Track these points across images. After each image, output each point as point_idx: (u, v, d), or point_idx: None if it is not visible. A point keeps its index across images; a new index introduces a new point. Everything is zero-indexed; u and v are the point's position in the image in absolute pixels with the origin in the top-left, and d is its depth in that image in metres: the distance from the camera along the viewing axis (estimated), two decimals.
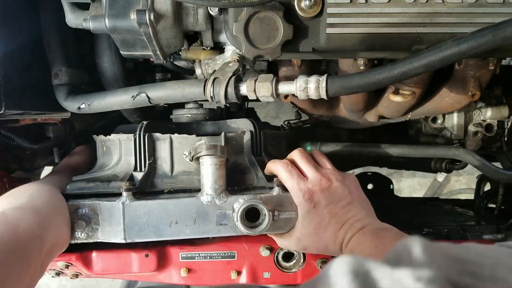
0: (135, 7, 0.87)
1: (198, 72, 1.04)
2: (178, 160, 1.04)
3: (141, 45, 0.94)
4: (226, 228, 0.96)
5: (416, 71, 0.80)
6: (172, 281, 1.07)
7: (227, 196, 0.96)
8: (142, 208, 0.95)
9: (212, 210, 0.96)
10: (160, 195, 0.99)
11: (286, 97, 1.00)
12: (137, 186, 0.98)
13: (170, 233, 0.96)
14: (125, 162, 1.07)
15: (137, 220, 0.95)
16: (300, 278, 1.08)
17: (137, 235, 0.95)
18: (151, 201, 0.96)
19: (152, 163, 1.03)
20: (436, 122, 1.27)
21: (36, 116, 1.18)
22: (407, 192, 3.13)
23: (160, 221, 0.96)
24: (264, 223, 0.94)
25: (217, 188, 0.95)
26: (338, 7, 0.85)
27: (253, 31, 0.88)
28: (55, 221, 0.89)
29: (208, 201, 0.96)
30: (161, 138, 1.03)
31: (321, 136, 1.56)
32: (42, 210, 0.87)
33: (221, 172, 0.96)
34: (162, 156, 1.04)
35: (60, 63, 1.12)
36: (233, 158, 1.05)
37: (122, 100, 1.05)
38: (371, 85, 0.85)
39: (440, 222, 1.28)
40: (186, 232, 0.96)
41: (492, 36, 0.74)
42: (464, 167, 1.36)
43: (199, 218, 0.96)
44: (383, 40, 0.87)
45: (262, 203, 0.94)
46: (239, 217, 0.94)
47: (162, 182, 1.02)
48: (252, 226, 0.95)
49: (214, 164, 0.94)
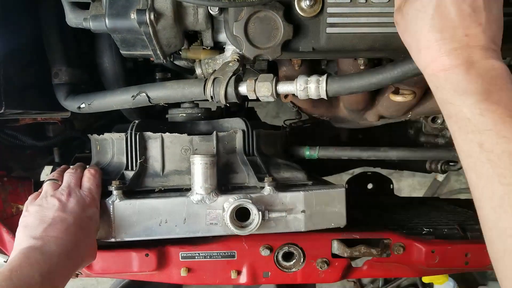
0: (135, 6, 0.87)
1: (198, 72, 1.04)
2: (170, 159, 1.04)
3: (141, 45, 0.94)
4: (216, 227, 0.97)
5: (416, 71, 0.80)
6: (172, 281, 1.07)
7: (217, 196, 0.97)
8: (132, 207, 0.96)
9: (202, 209, 0.97)
10: (151, 194, 1.00)
11: (286, 97, 1.00)
12: (127, 185, 0.98)
13: (160, 232, 0.97)
14: (117, 161, 1.08)
15: (127, 219, 0.96)
16: (300, 277, 1.08)
17: (126, 234, 0.96)
18: (141, 200, 0.96)
19: (143, 162, 1.03)
20: (436, 121, 1.27)
21: (36, 116, 1.18)
22: (407, 192, 3.13)
23: (150, 220, 0.96)
24: (254, 223, 0.95)
25: (207, 188, 0.96)
26: (338, 7, 0.85)
27: (253, 30, 0.88)
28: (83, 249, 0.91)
29: (198, 200, 0.96)
30: (152, 137, 1.04)
31: (321, 136, 1.56)
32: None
33: (211, 171, 0.96)
34: (154, 155, 1.04)
35: (60, 63, 1.12)
36: (225, 158, 1.05)
37: (122, 100, 1.05)
38: (371, 85, 0.85)
39: (440, 222, 1.28)
40: (176, 231, 0.97)
41: None
42: (461, 168, 1.35)
43: (189, 218, 0.97)
44: (383, 40, 0.87)
45: (252, 202, 0.95)
46: (229, 217, 0.95)
47: (153, 181, 1.03)
48: (242, 225, 0.96)
49: (205, 163, 0.95)
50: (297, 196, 1.00)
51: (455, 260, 1.11)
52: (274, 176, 1.03)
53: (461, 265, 1.12)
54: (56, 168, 1.36)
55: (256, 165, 1.04)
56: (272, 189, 0.98)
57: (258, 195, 0.97)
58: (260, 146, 1.10)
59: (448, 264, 1.12)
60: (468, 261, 1.11)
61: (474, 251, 1.11)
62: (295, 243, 1.07)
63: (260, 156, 1.07)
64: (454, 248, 1.11)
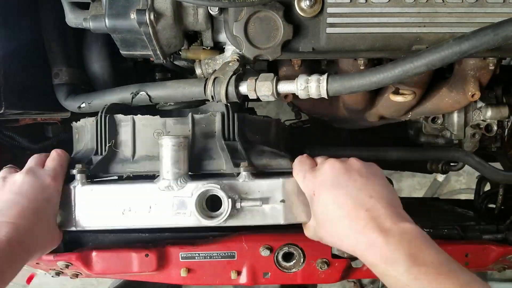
0: (135, 6, 0.87)
1: (198, 72, 1.04)
2: (141, 143, 0.96)
3: (141, 45, 0.94)
4: (184, 217, 0.88)
5: (417, 70, 0.80)
6: (172, 281, 1.07)
7: (186, 182, 0.87)
8: (93, 193, 0.88)
9: (169, 196, 0.88)
10: (119, 181, 0.93)
11: (286, 97, 1.00)
12: (91, 169, 0.91)
13: (123, 221, 0.89)
14: (90, 147, 1.00)
15: (89, 206, 0.89)
16: (300, 278, 1.08)
17: (88, 223, 0.90)
18: (103, 186, 0.89)
19: (112, 146, 0.95)
20: (436, 122, 1.27)
21: (36, 116, 1.18)
22: (407, 192, 3.13)
23: (112, 208, 0.89)
24: (224, 212, 0.85)
25: (175, 172, 0.86)
26: (338, 7, 0.85)
27: (253, 30, 0.88)
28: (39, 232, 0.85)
29: (165, 187, 0.87)
30: (123, 120, 0.96)
31: (321, 136, 1.56)
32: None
33: (181, 154, 0.86)
34: (125, 139, 0.96)
35: (60, 63, 1.12)
36: (202, 143, 0.96)
37: (122, 98, 1.05)
38: (372, 85, 0.85)
39: (440, 222, 1.28)
40: (140, 221, 0.89)
41: (493, 35, 0.74)
42: (461, 168, 1.35)
43: (154, 206, 0.88)
44: (383, 40, 0.87)
45: (221, 188, 0.85)
46: (196, 205, 0.85)
47: (122, 167, 0.95)
48: (211, 215, 0.86)
49: (172, 145, 0.85)
50: (275, 183, 0.90)
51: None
52: (253, 163, 0.93)
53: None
54: None
55: (235, 151, 0.95)
56: (247, 175, 0.88)
57: (231, 182, 0.88)
58: (245, 133, 1.00)
59: None
60: (468, 262, 1.11)
61: (474, 251, 1.11)
62: (295, 243, 1.07)
63: (241, 142, 0.97)
64: (454, 248, 1.11)
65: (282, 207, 0.90)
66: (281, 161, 0.96)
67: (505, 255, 1.13)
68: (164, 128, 0.96)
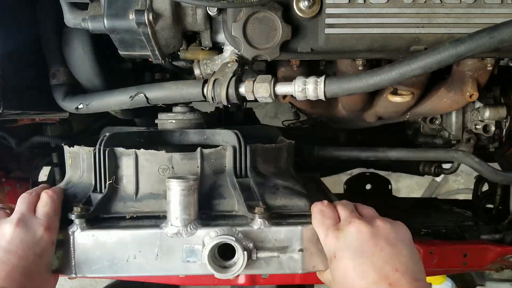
0: (133, 7, 0.87)
1: (197, 72, 1.04)
2: (145, 180, 0.88)
3: (139, 45, 0.94)
4: (194, 265, 0.82)
5: (414, 73, 0.80)
6: (170, 282, 1.07)
7: (196, 228, 0.82)
8: (95, 239, 0.82)
9: (178, 244, 0.82)
10: (121, 222, 0.86)
11: (284, 97, 1.00)
12: (91, 212, 0.84)
13: (128, 269, 0.83)
14: (87, 180, 0.92)
15: (90, 253, 0.82)
16: (298, 278, 1.08)
17: (89, 270, 0.83)
18: (106, 231, 0.83)
19: (113, 183, 0.88)
20: (434, 122, 1.27)
21: (35, 116, 1.18)
22: (405, 192, 3.13)
23: (117, 255, 0.82)
24: (239, 264, 0.80)
25: (184, 219, 0.81)
26: (336, 8, 0.85)
27: (251, 31, 0.88)
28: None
29: (173, 233, 0.82)
30: (125, 154, 0.88)
31: (320, 137, 1.56)
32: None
33: (191, 199, 0.81)
34: (126, 174, 0.89)
35: (58, 63, 1.11)
36: (212, 179, 0.90)
37: (120, 100, 1.04)
38: (369, 87, 0.85)
39: (438, 222, 1.28)
40: (146, 269, 0.83)
41: (489, 38, 0.74)
42: (455, 171, 1.34)
43: (162, 253, 0.82)
44: (381, 41, 0.87)
45: (237, 239, 0.80)
46: (208, 255, 0.80)
47: (124, 206, 0.88)
48: (224, 265, 0.81)
49: (182, 190, 0.80)
50: (293, 231, 0.84)
51: (454, 261, 1.12)
52: (268, 204, 0.86)
53: (459, 265, 1.12)
54: (54, 170, 1.36)
55: (248, 189, 0.89)
56: (263, 222, 0.82)
57: (246, 229, 0.82)
58: (257, 164, 0.94)
59: (446, 264, 1.12)
60: (466, 262, 1.12)
61: (473, 251, 1.12)
62: None
63: (254, 178, 0.91)
64: (453, 248, 1.12)
65: (300, 257, 0.84)
66: (297, 202, 0.90)
67: (503, 255, 1.13)
68: (170, 163, 0.89)
